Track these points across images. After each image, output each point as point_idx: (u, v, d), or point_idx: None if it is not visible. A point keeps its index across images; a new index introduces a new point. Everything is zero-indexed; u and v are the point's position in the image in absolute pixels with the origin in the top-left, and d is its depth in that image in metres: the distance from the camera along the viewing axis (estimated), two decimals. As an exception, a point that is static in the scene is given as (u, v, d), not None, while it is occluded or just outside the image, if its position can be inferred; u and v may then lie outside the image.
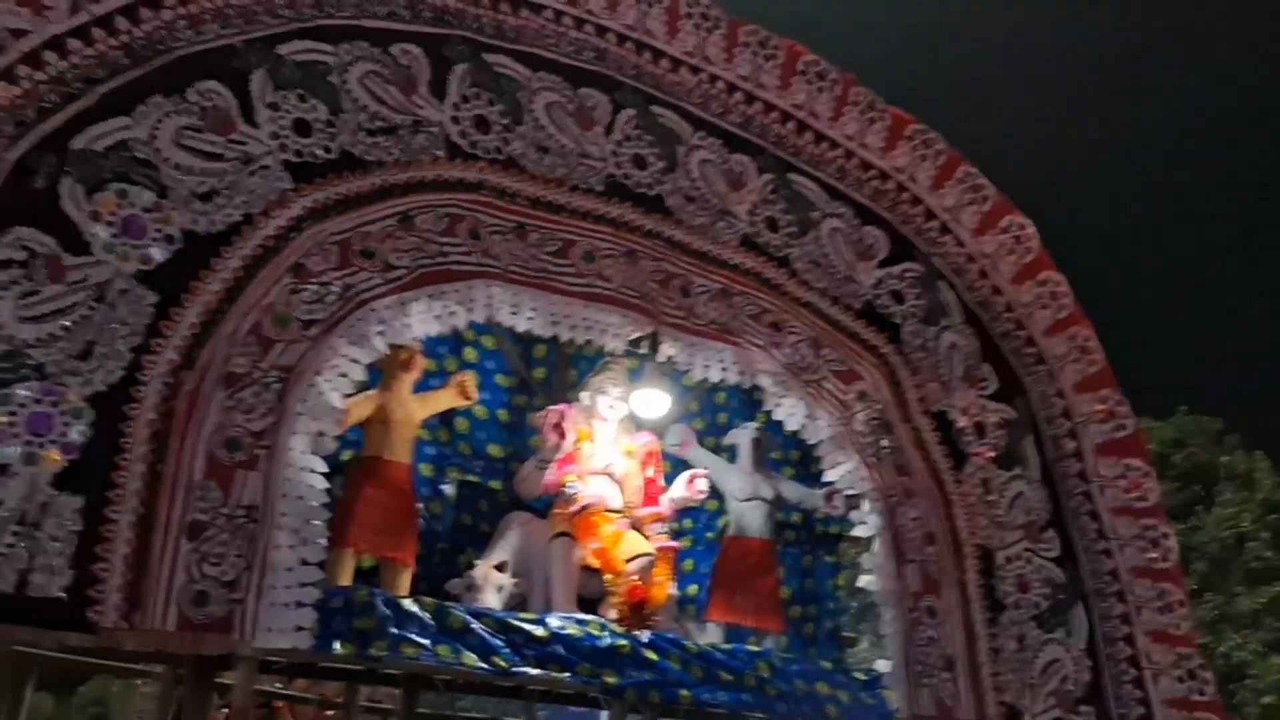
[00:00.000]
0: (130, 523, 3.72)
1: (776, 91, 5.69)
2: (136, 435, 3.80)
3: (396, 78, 4.66)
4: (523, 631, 4.55)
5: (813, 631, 6.47)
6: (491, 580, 4.99)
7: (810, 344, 5.50)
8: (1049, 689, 5.40)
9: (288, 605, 3.91)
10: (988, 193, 6.10)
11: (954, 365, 5.77)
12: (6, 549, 3.52)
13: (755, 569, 5.94)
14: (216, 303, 4.06)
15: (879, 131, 5.91)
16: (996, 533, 5.58)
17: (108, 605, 3.62)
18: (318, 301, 4.29)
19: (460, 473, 5.80)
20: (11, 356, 3.68)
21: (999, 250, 6.06)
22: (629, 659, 4.74)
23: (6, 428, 3.62)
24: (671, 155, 5.32)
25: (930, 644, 5.28)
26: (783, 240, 5.53)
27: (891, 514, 5.45)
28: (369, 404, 5.01)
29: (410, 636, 4.26)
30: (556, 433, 5.28)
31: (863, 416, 5.52)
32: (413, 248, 4.57)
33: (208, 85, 4.24)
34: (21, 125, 3.88)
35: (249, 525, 3.92)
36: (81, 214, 3.90)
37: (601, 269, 5.05)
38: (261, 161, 4.28)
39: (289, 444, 4.08)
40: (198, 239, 4.09)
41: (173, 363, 3.92)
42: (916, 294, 5.79)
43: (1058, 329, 6.06)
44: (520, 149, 4.91)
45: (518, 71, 4.99)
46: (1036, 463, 5.81)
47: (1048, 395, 5.95)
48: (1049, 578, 5.59)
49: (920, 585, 5.37)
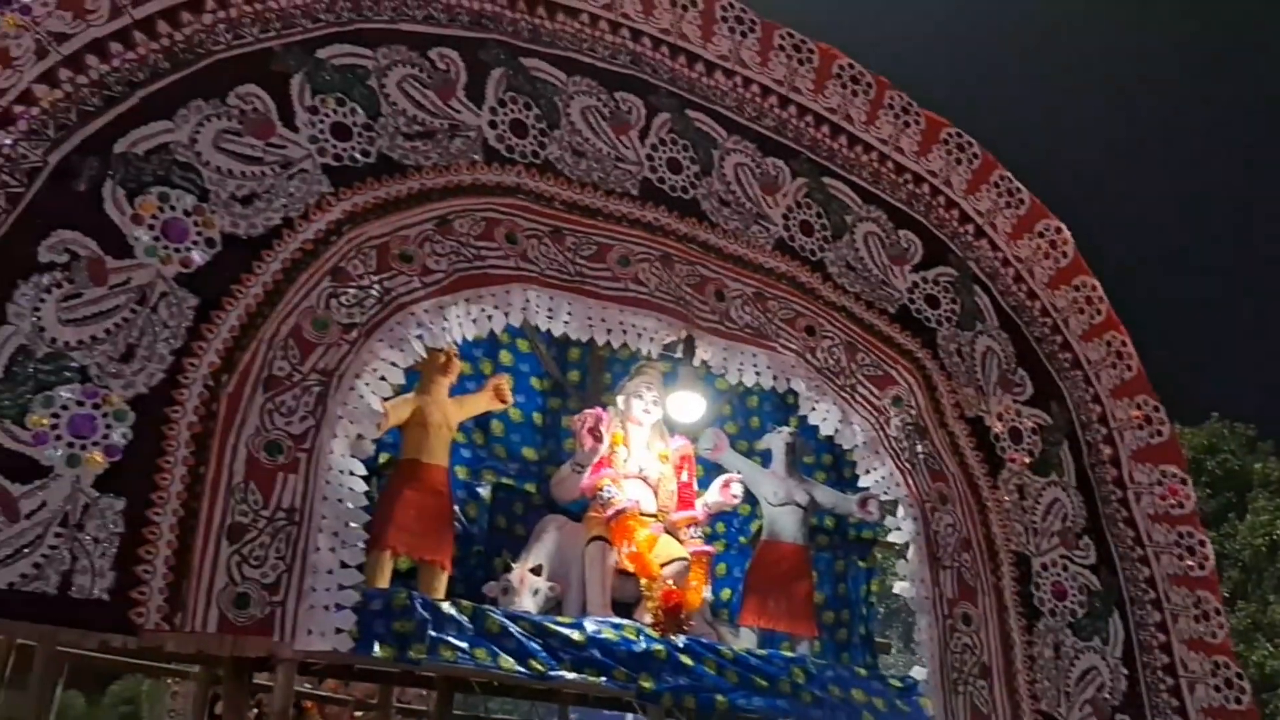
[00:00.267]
0: (171, 525, 3.72)
1: (811, 95, 5.70)
2: (178, 437, 3.81)
3: (434, 82, 4.68)
4: (559, 635, 4.54)
5: (846, 637, 6.44)
6: (527, 583, 4.98)
7: (844, 348, 5.48)
8: (1085, 697, 5.36)
9: (328, 607, 3.90)
10: (1023, 196, 6.09)
11: (989, 370, 5.75)
12: (49, 550, 3.53)
13: (789, 574, 5.91)
14: (256, 306, 4.07)
15: (913, 135, 5.91)
16: (1032, 539, 5.54)
17: (149, 607, 3.62)
18: (357, 305, 4.29)
19: (495, 475, 5.80)
20: (54, 359, 3.69)
21: (1034, 254, 6.04)
22: (665, 664, 4.72)
23: (49, 430, 3.63)
24: (706, 159, 5.33)
25: (966, 651, 5.24)
26: (817, 244, 5.53)
27: (926, 520, 5.41)
28: (407, 407, 5.01)
29: (448, 639, 4.26)
30: (592, 437, 5.26)
31: (897, 421, 5.49)
32: (450, 252, 4.57)
33: (247, 89, 4.27)
34: (63, 128, 3.91)
35: (289, 528, 3.92)
36: (123, 217, 3.92)
37: (637, 273, 5.04)
38: (300, 165, 4.30)
39: (329, 447, 4.08)
40: (238, 242, 4.10)
41: (213, 365, 3.94)
42: (951, 298, 5.77)
43: (1093, 334, 6.03)
44: (556, 153, 4.92)
45: (554, 76, 5.01)
46: (1072, 469, 5.78)
47: (1084, 401, 5.92)
48: (1085, 585, 5.55)
49: (956, 592, 5.33)
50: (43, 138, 3.85)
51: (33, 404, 3.62)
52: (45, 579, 3.51)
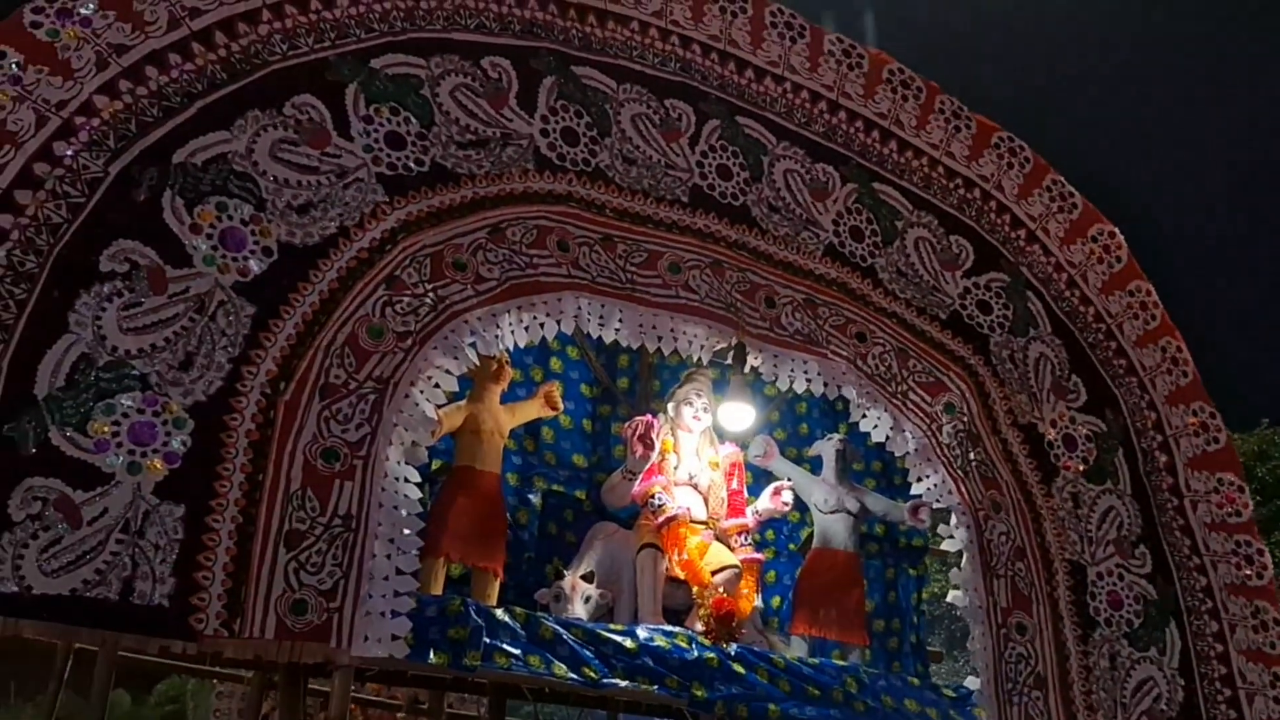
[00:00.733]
0: (230, 531, 3.74)
1: (861, 100, 5.68)
2: (236, 445, 3.83)
3: (486, 90, 4.70)
4: (612, 643, 4.53)
5: (896, 645, 6.38)
6: (579, 590, 4.98)
7: (896, 355, 5.44)
8: (1141, 708, 5.29)
9: (384, 614, 3.91)
10: (1075, 201, 6.04)
11: (1043, 377, 5.69)
12: (111, 557, 3.56)
13: (840, 582, 5.88)
14: (313, 314, 4.08)
15: (964, 139, 5.87)
16: (1087, 548, 5.48)
17: (208, 613, 3.64)
18: (411, 313, 4.31)
19: (545, 482, 5.81)
20: (115, 367, 3.72)
21: (1088, 259, 5.99)
22: (717, 672, 4.70)
23: (110, 437, 3.66)
24: (756, 165, 5.32)
25: (1020, 661, 5.18)
26: (867, 250, 5.50)
27: (979, 528, 5.35)
28: (460, 414, 5.03)
29: (502, 646, 4.26)
30: (642, 444, 5.25)
31: (949, 429, 5.45)
32: (502, 259, 4.58)
33: (303, 99, 4.30)
34: (123, 139, 3.95)
35: (346, 534, 3.93)
36: (182, 226, 3.95)
37: (687, 280, 5.03)
38: (356, 174, 4.32)
39: (384, 454, 4.09)
40: (294, 251, 4.13)
41: (271, 373, 3.96)
42: (1004, 304, 5.73)
43: (1148, 339, 5.96)
44: (607, 160, 4.93)
45: (604, 83, 5.02)
46: (1127, 476, 5.71)
47: (1139, 407, 5.85)
48: (1141, 594, 5.49)
49: (1010, 601, 5.27)
50: (103, 148, 3.90)
51: (94, 412, 3.65)
52: (107, 585, 3.54)
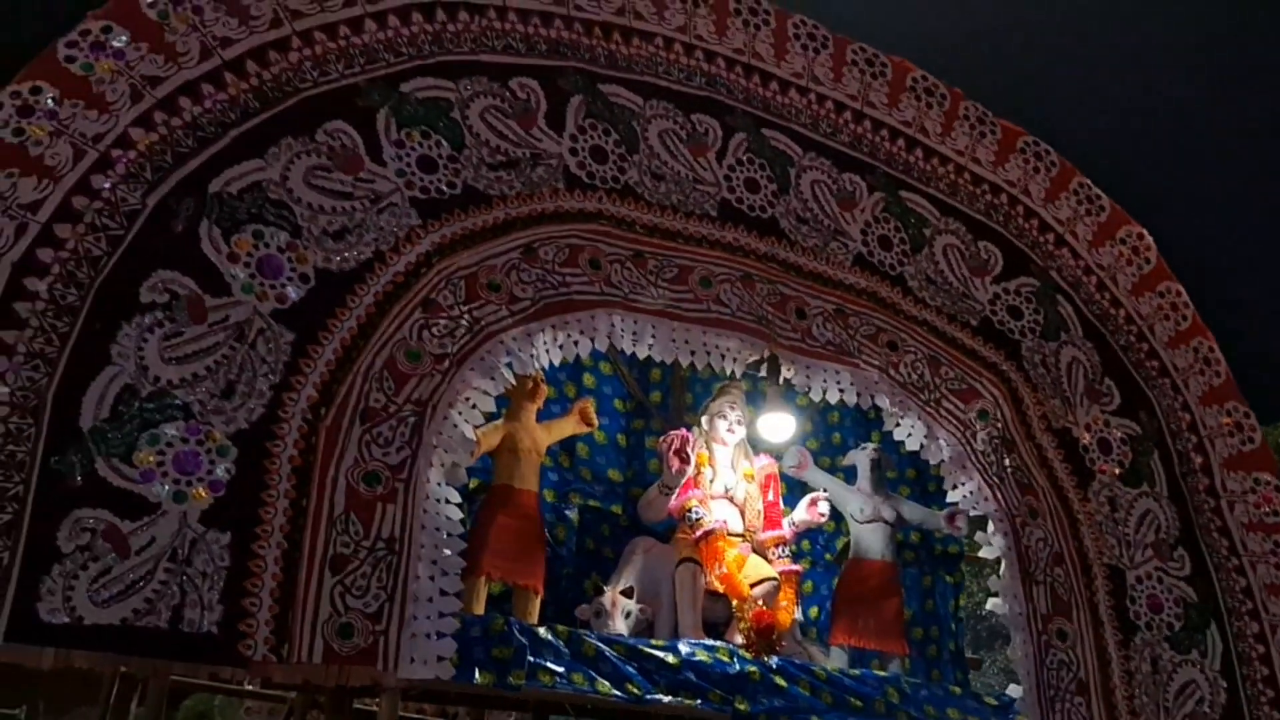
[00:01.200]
0: (276, 557, 3.76)
1: (885, 109, 5.70)
2: (279, 471, 3.86)
3: (515, 111, 4.73)
4: (654, 659, 4.54)
5: (935, 653, 6.36)
6: (619, 606, 4.99)
7: (928, 363, 5.44)
8: (1185, 711, 5.27)
9: (429, 635, 3.93)
10: (1103, 203, 6.04)
11: (1075, 381, 5.68)
12: (160, 585, 3.59)
13: (878, 591, 5.86)
14: (351, 339, 4.11)
15: (989, 145, 5.88)
16: (1125, 552, 5.46)
17: (257, 638, 3.67)
18: (448, 335, 4.33)
19: (582, 498, 5.81)
20: (158, 397, 3.76)
21: (1117, 261, 5.98)
22: (759, 685, 4.70)
23: (155, 467, 3.69)
24: (783, 177, 5.33)
25: (1062, 668, 5.16)
26: (896, 258, 5.50)
27: (1017, 535, 5.34)
28: (497, 433, 5.05)
29: (545, 664, 4.27)
30: (678, 458, 5.26)
31: (984, 435, 5.44)
32: (536, 279, 4.61)
33: (335, 125, 4.34)
34: (160, 170, 3.99)
35: (389, 557, 3.95)
36: (220, 255, 3.98)
37: (718, 293, 5.04)
38: (389, 199, 4.36)
39: (425, 476, 4.11)
40: (331, 277, 4.16)
41: (311, 399, 3.99)
42: (1034, 309, 5.72)
43: (1180, 340, 5.95)
44: (636, 177, 4.95)
45: (631, 100, 5.04)
46: (1164, 479, 5.70)
47: (1173, 409, 5.84)
48: (1181, 597, 5.46)
49: (1049, 608, 5.25)
50: (140, 180, 3.94)
51: (139, 442, 3.68)
52: (157, 613, 3.57)
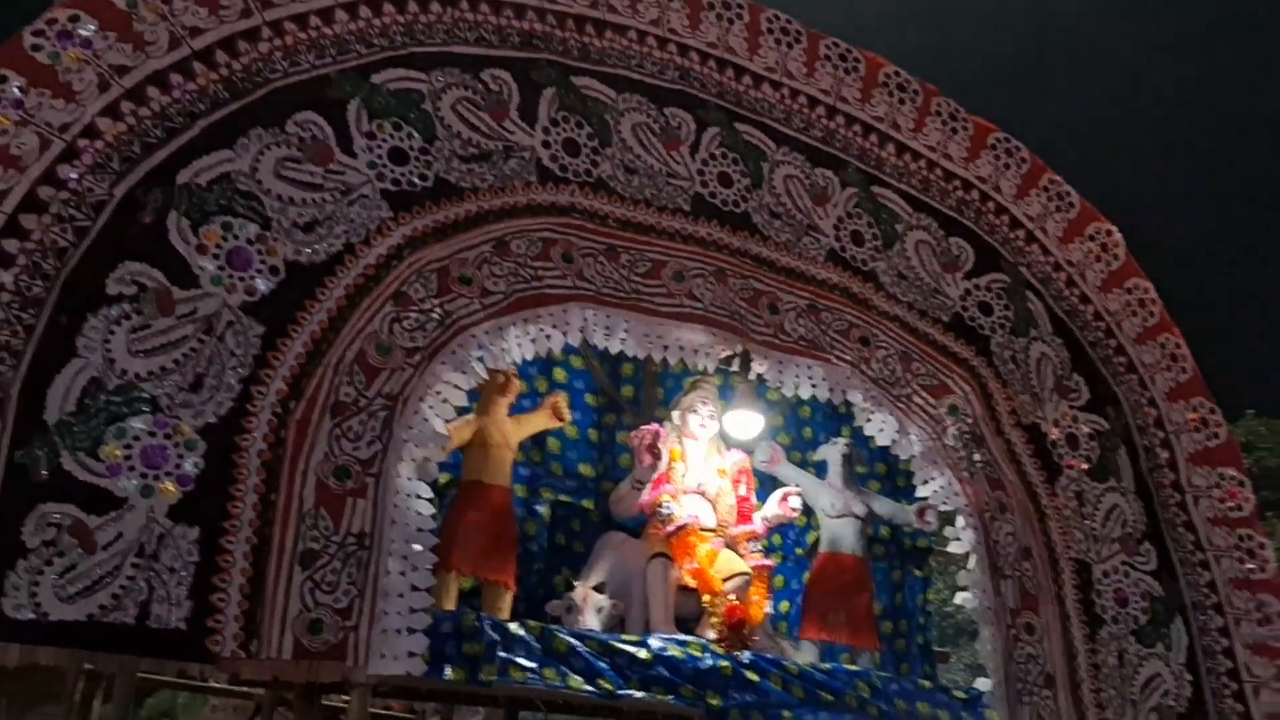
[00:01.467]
0: (245, 553, 3.74)
1: (858, 104, 5.69)
2: (248, 465, 3.83)
3: (488, 103, 4.69)
4: (626, 654, 4.54)
5: (904, 647, 6.40)
6: (591, 601, 4.98)
7: (899, 358, 5.45)
8: (1150, 704, 5.33)
9: (400, 631, 3.91)
10: (1073, 200, 6.06)
11: (1044, 376, 5.71)
12: (127, 581, 3.56)
13: (849, 586, 5.89)
14: (321, 332, 4.08)
15: (961, 141, 5.89)
16: (1092, 546, 5.51)
17: (225, 635, 3.64)
18: (419, 329, 4.30)
19: (553, 493, 5.79)
20: (125, 390, 3.71)
21: (1086, 258, 6.01)
22: (731, 680, 4.71)
23: (122, 461, 3.65)
24: (756, 172, 5.32)
25: (1030, 661, 5.20)
26: (868, 254, 5.51)
27: (986, 529, 5.37)
28: (468, 428, 5.03)
29: (517, 660, 4.27)
30: (650, 453, 5.25)
31: (954, 430, 5.46)
32: (508, 273, 4.58)
33: (305, 116, 4.29)
34: (127, 160, 3.94)
35: (360, 552, 3.92)
36: (188, 247, 3.94)
37: (691, 288, 5.04)
38: (360, 191, 4.32)
39: (396, 470, 4.09)
40: (301, 269, 4.12)
41: (281, 393, 3.95)
42: (1004, 305, 5.75)
43: (1147, 336, 5.99)
44: (609, 171, 4.93)
45: (604, 93, 5.02)
46: (1130, 474, 5.74)
47: (1140, 405, 5.88)
48: (1147, 591, 5.52)
49: (1018, 601, 5.29)
50: (108, 171, 3.89)
51: (106, 436, 3.64)
52: (124, 609, 3.54)
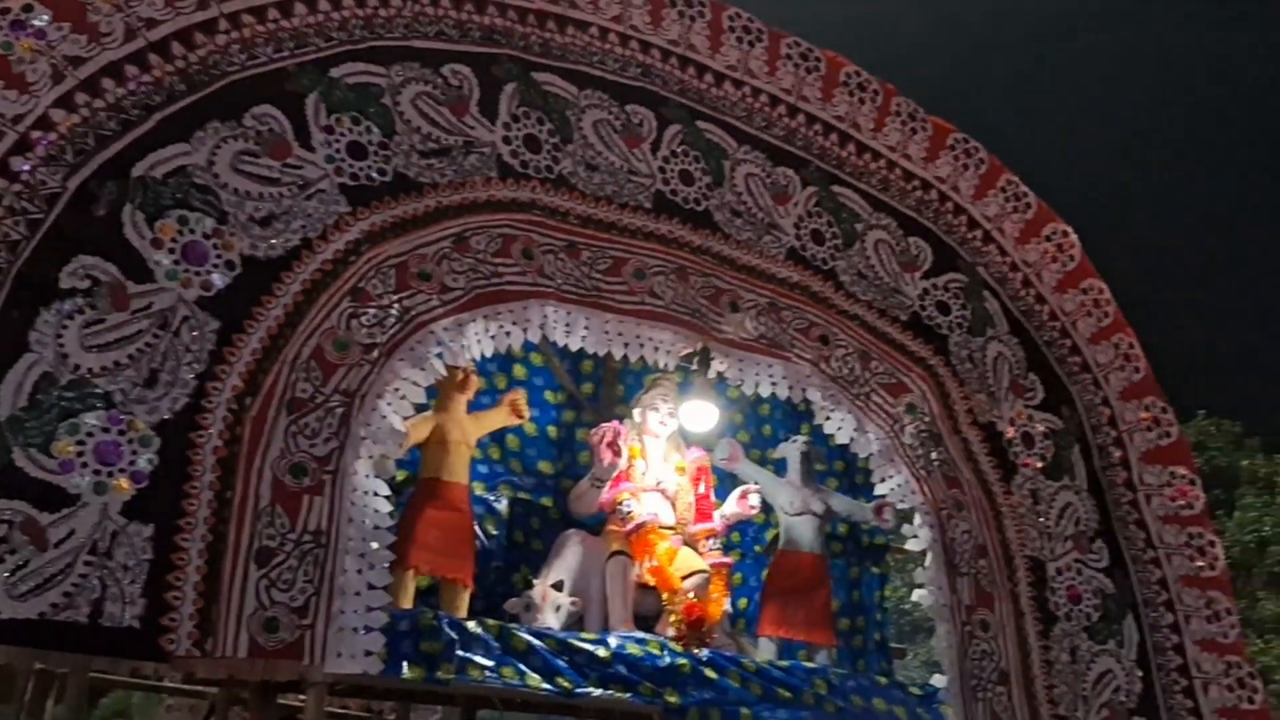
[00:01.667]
0: (200, 550, 3.69)
1: (819, 104, 5.71)
2: (203, 462, 3.78)
3: (448, 98, 4.67)
4: (585, 652, 4.54)
5: (861, 644, 6.44)
6: (550, 599, 4.97)
7: (858, 357, 5.48)
8: (1102, 700, 5.38)
9: (356, 629, 3.88)
10: (1030, 200, 6.11)
11: (1001, 376, 5.77)
12: (79, 579, 3.50)
13: (807, 583, 5.92)
14: (278, 328, 4.03)
15: (921, 141, 5.92)
16: (1046, 544, 5.56)
17: (180, 633, 3.60)
18: (377, 325, 4.27)
19: (512, 490, 5.78)
20: (78, 386, 3.66)
21: (1042, 259, 6.07)
22: (690, 678, 4.72)
23: (75, 458, 3.60)
24: (718, 170, 5.33)
25: (984, 658, 5.25)
26: (828, 253, 5.53)
27: (943, 527, 5.42)
28: (426, 425, 5.00)
29: (475, 658, 4.26)
30: (611, 451, 5.25)
31: (912, 429, 5.50)
32: (468, 269, 4.56)
33: (263, 109, 4.24)
34: (81, 153, 3.88)
35: (316, 550, 3.89)
36: (143, 241, 3.88)
37: (652, 286, 5.04)
38: (318, 185, 4.28)
39: (353, 468, 4.06)
40: (258, 264, 4.07)
41: (236, 389, 3.91)
42: (962, 304, 5.79)
43: (1101, 336, 6.06)
44: (570, 167, 4.91)
45: (565, 90, 5.00)
46: (1084, 472, 5.80)
47: (1093, 404, 5.95)
48: (1099, 588, 5.58)
49: (973, 599, 5.34)
50: (61, 163, 3.83)
51: (58, 432, 3.59)
52: (76, 608, 3.49)
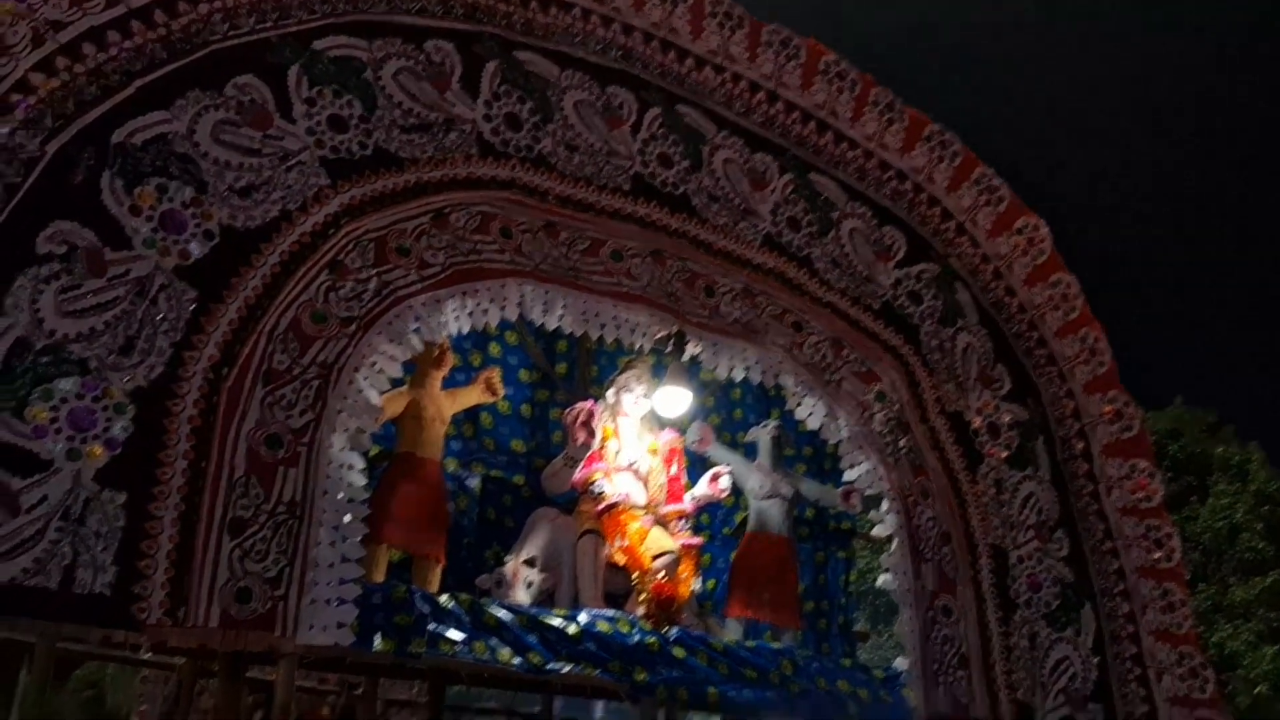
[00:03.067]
0: (173, 519, 3.70)
1: (798, 91, 5.72)
2: (178, 431, 3.79)
3: (430, 74, 4.66)
4: (555, 629, 4.57)
5: (825, 626, 6.52)
6: (521, 576, 5.01)
7: (831, 344, 5.53)
8: (1059, 686, 5.47)
9: (329, 601, 3.91)
10: (1003, 194, 6.16)
11: (969, 366, 5.83)
12: (50, 545, 3.51)
13: (775, 566, 5.99)
14: (255, 298, 4.04)
15: (897, 132, 5.95)
16: (1009, 533, 5.64)
17: (151, 602, 3.61)
18: (355, 298, 4.28)
19: (484, 468, 5.80)
20: (52, 351, 3.66)
21: (1013, 251, 6.12)
22: (658, 656, 4.77)
23: (48, 423, 3.60)
24: (696, 154, 5.34)
25: (946, 643, 5.33)
26: (804, 240, 5.56)
27: (909, 513, 5.49)
28: (401, 400, 5.01)
29: (446, 633, 4.28)
30: (584, 431, 5.28)
31: (881, 416, 5.56)
32: (446, 245, 4.57)
33: (245, 79, 4.23)
34: (61, 118, 3.86)
35: (290, 522, 3.91)
36: (121, 208, 3.88)
37: (629, 268, 5.06)
38: (299, 157, 4.27)
39: (329, 440, 4.07)
40: (236, 234, 4.07)
41: (213, 358, 3.91)
42: (933, 294, 5.84)
43: (1068, 330, 6.12)
44: (550, 147, 4.91)
45: (547, 70, 5.00)
46: (1047, 463, 5.88)
47: (1058, 396, 6.02)
48: (1059, 577, 5.66)
49: (936, 584, 5.42)
50: (40, 127, 3.81)
51: (32, 397, 3.59)
52: (46, 574, 3.49)
